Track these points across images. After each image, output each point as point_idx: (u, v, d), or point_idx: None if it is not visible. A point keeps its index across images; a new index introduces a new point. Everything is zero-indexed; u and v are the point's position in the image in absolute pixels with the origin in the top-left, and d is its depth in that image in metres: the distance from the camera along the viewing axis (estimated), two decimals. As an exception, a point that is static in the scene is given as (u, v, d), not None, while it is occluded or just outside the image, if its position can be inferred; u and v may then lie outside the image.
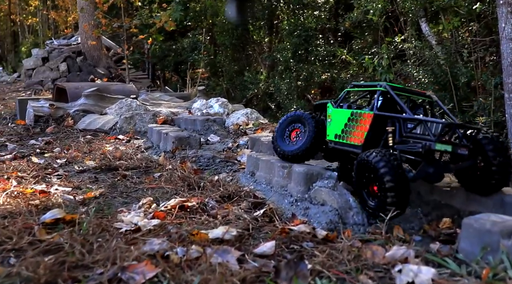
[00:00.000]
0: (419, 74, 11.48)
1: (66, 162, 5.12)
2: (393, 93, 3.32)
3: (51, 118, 7.08)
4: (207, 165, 4.85)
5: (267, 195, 3.79)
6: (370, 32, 14.19)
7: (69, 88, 7.64)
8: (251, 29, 18.05)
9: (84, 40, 15.87)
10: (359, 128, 3.35)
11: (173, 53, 20.34)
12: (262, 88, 16.55)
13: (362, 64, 13.71)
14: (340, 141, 3.53)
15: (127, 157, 5.11)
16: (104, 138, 6.30)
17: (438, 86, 11.10)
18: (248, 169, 4.28)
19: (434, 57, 11.23)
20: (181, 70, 21.01)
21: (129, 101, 6.97)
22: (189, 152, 5.00)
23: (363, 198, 3.19)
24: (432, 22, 12.51)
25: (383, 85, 3.35)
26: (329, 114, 3.67)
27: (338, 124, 3.54)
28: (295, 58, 15.17)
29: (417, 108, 3.53)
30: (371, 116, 3.26)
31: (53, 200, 3.61)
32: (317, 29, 15.44)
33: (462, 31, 11.55)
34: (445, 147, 2.94)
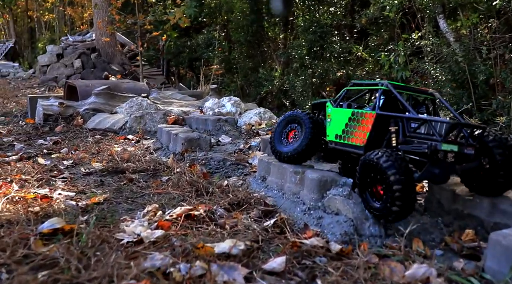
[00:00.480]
0: (436, 72, 11.25)
1: (73, 163, 4.96)
2: (395, 92, 3.18)
3: (61, 117, 6.94)
4: (217, 168, 4.66)
5: (278, 202, 3.59)
6: (386, 28, 13.96)
7: (80, 86, 7.48)
8: (266, 26, 17.84)
9: (98, 36, 15.77)
10: (360, 128, 3.23)
11: (188, 50, 20.22)
12: (276, 85, 16.37)
13: (378, 61, 13.50)
14: (341, 142, 3.41)
15: (135, 159, 4.94)
16: (113, 138, 6.14)
17: (456, 83, 10.87)
18: (259, 173, 4.07)
19: (452, 54, 10.97)
20: (196, 67, 20.87)
21: (139, 100, 6.79)
22: (199, 154, 4.81)
23: (366, 199, 3.01)
24: (450, 18, 12.24)
25: (385, 83, 3.23)
26: (329, 114, 3.54)
27: (339, 124, 3.42)
28: (310, 55, 14.98)
29: (419, 107, 3.39)
30: (373, 116, 3.14)
31: (55, 206, 3.44)
32: (333, 26, 15.21)
33: (481, 27, 11.24)
34: (451, 147, 2.83)
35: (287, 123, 3.81)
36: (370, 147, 3.15)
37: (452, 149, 2.82)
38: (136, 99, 6.84)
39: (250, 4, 17.13)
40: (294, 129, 3.75)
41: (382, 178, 2.80)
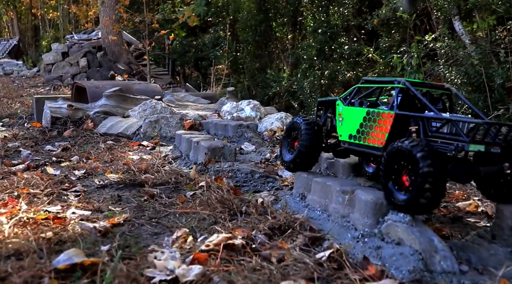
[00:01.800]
0: (452, 75, 10.83)
1: (85, 174, 4.47)
2: (414, 89, 3.01)
3: (69, 120, 6.42)
4: (245, 181, 4.17)
5: (324, 226, 3.10)
6: (398, 30, 13.55)
7: (89, 88, 6.97)
8: (274, 26, 17.37)
9: (104, 35, 15.26)
10: (378, 129, 3.03)
11: (194, 49, 19.78)
12: (284, 86, 15.95)
13: (388, 63, 13.10)
14: (356, 142, 3.22)
15: (154, 169, 4.44)
16: (126, 145, 5.64)
17: (472, 87, 10.47)
18: (296, 190, 3.58)
19: (468, 57, 10.56)
20: (202, 66, 20.42)
21: (153, 103, 6.29)
22: (224, 165, 4.32)
23: (389, 190, 2.78)
24: (466, 20, 11.83)
25: (402, 81, 3.04)
26: (340, 113, 3.36)
27: (352, 123, 3.23)
28: (320, 55, 14.59)
29: (436, 103, 3.22)
30: (392, 116, 2.94)
31: (69, 229, 2.95)
32: (343, 27, 14.79)
33: (500, 29, 10.80)
34: (479, 147, 2.67)
35: (290, 131, 3.65)
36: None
37: (479, 149, 2.67)
38: (150, 102, 6.34)
39: (258, 3, 16.65)
40: (296, 137, 3.58)
41: (412, 167, 2.60)
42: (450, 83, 10.65)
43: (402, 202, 2.67)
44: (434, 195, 2.54)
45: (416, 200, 2.57)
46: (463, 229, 3.36)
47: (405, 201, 2.66)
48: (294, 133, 3.60)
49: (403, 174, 2.72)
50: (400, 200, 2.69)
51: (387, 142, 2.93)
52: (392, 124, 2.94)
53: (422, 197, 2.54)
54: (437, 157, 2.55)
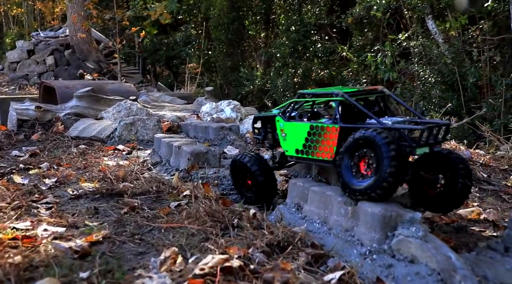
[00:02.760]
0: (426, 73, 10.76)
1: (57, 182, 4.08)
2: (353, 101, 3.03)
3: (38, 122, 5.96)
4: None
5: (326, 241, 2.81)
6: (371, 29, 13.46)
7: (59, 88, 6.51)
8: (247, 24, 17.06)
9: (72, 32, 14.67)
10: (325, 143, 3.05)
11: (165, 47, 19.32)
12: (258, 84, 15.68)
13: (362, 62, 13.00)
14: (304, 157, 3.22)
15: (132, 177, 4.08)
16: (100, 149, 5.24)
17: (445, 85, 10.45)
18: (291, 200, 3.28)
19: (441, 56, 10.52)
20: (173, 65, 19.96)
21: (128, 104, 5.89)
22: (209, 171, 3.99)
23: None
24: (439, 19, 11.80)
25: (340, 94, 3.05)
26: (282, 128, 3.35)
27: (297, 139, 3.23)
28: (293, 54, 14.43)
29: (373, 107, 3.30)
30: (337, 129, 2.98)
31: (41, 250, 2.59)
32: (316, 25, 14.61)
33: (473, 29, 10.78)
34: (424, 150, 2.84)
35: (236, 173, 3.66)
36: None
37: (425, 151, 2.82)
38: (125, 103, 5.93)
39: (230, 1, 16.30)
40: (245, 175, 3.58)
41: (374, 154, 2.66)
42: (424, 81, 10.59)
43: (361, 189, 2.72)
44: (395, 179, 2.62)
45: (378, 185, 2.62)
46: (469, 239, 3.14)
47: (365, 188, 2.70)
48: (241, 173, 3.59)
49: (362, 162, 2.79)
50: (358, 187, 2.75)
51: (336, 154, 2.96)
52: (338, 137, 2.96)
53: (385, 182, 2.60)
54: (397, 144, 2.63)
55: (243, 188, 3.64)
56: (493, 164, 5.53)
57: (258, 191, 3.50)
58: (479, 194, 4.28)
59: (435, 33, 11.24)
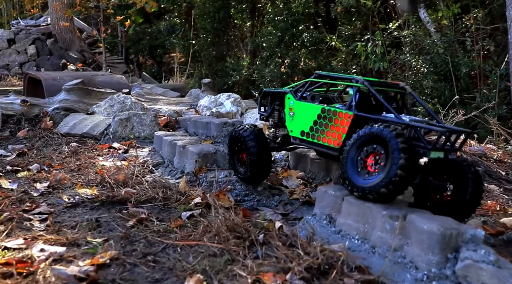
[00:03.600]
0: (418, 63, 10.45)
1: (50, 187, 3.59)
2: (374, 91, 2.79)
3: (24, 118, 5.42)
4: (246, 195, 3.41)
5: (370, 261, 2.39)
6: (360, 18, 13.14)
7: (45, 80, 5.96)
8: (232, 13, 16.53)
9: (54, 21, 13.97)
10: (334, 129, 2.84)
11: (148, 37, 18.75)
12: (245, 74, 15.27)
13: (350, 52, 12.68)
14: (309, 140, 3.01)
15: (134, 180, 3.61)
16: (94, 147, 4.74)
17: (438, 76, 10.15)
18: (321, 210, 2.85)
19: (434, 46, 10.21)
20: (157, 55, 19.38)
21: (121, 98, 5.38)
22: (220, 174, 3.53)
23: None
24: (431, 8, 11.51)
25: (361, 80, 2.83)
26: (291, 107, 3.14)
27: (305, 120, 3.03)
28: (281, 43, 14.06)
29: (391, 102, 3.05)
30: (350, 116, 2.76)
31: (40, 279, 2.12)
32: (304, 14, 14.23)
33: (466, 18, 10.49)
34: (439, 154, 2.58)
35: (233, 145, 3.41)
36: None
37: (439, 156, 2.58)
38: (118, 96, 5.42)
39: (216, -11, 15.80)
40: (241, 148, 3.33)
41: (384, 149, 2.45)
42: (416, 71, 10.30)
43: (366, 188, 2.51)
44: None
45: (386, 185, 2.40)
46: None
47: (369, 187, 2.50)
48: (238, 145, 3.36)
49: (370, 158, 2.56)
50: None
51: (344, 143, 2.76)
52: (350, 126, 2.75)
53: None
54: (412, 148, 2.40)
55: (237, 162, 3.40)
56: (508, 160, 5.20)
57: (251, 168, 3.23)
58: (507, 196, 3.92)
59: (427, 23, 10.91)
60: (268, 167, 3.31)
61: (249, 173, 3.26)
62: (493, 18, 10.54)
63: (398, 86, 3.03)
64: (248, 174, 3.28)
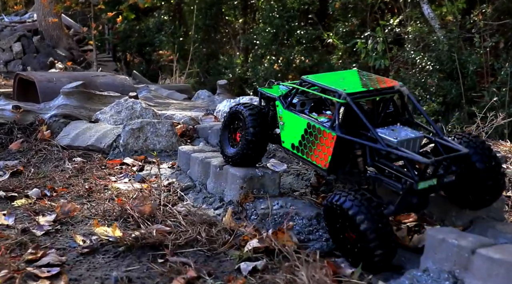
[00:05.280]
0: (423, 61, 9.79)
1: (56, 222, 2.74)
2: (357, 109, 2.39)
3: (16, 127, 4.50)
4: (310, 233, 2.61)
5: None
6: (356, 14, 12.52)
7: (40, 81, 5.03)
8: (224, 9, 15.69)
9: (41, 17, 12.92)
10: (320, 148, 2.54)
11: (137, 34, 17.79)
12: (238, 73, 14.51)
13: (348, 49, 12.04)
14: (299, 155, 2.74)
15: (163, 212, 2.77)
16: (103, 164, 3.86)
17: (443, 73, 9.51)
18: (436, 265, 2.06)
19: (440, 42, 9.58)
20: (146, 52, 18.41)
21: (130, 103, 4.50)
22: (274, 204, 2.72)
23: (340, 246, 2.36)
24: (435, 3, 10.92)
25: (343, 95, 2.43)
26: (280, 116, 2.84)
27: (294, 132, 2.74)
28: (276, 41, 13.37)
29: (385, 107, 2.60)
30: (333, 137, 2.44)
31: None
32: (299, 10, 13.55)
33: (475, 13, 9.90)
34: (430, 183, 2.25)
35: (230, 122, 3.10)
36: (334, 168, 2.54)
37: (430, 185, 2.26)
38: (125, 101, 4.54)
39: (207, -15, 14.93)
40: (238, 127, 3.03)
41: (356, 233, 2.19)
42: (420, 69, 9.71)
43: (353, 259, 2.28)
44: (384, 262, 2.20)
45: (367, 265, 2.19)
46: None
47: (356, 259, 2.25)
48: (235, 123, 3.05)
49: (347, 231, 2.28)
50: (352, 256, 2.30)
51: (331, 164, 2.49)
52: (334, 147, 2.45)
53: (374, 267, 2.19)
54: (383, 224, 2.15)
55: (228, 141, 3.08)
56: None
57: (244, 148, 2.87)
58: None
59: (431, 19, 10.26)
60: (260, 154, 3.00)
61: (240, 154, 2.91)
62: (500, 14, 9.97)
63: (392, 90, 2.57)
64: (238, 155, 2.92)
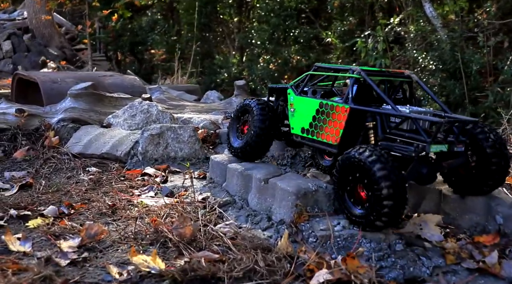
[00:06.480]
0: (425, 61, 9.49)
1: (82, 248, 2.31)
2: (370, 81, 2.49)
3: (21, 132, 4.04)
4: (381, 258, 2.22)
5: None
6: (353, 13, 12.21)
7: (43, 82, 4.54)
8: (219, 8, 15.27)
9: (32, 14, 12.37)
10: (332, 124, 2.57)
11: (129, 33, 17.29)
12: (234, 72, 14.14)
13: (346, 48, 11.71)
14: (309, 137, 2.75)
15: (206, 235, 2.36)
16: (121, 174, 3.43)
17: (446, 73, 9.23)
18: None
19: (443, 42, 9.30)
20: (138, 51, 17.90)
21: (145, 105, 4.06)
22: (334, 224, 2.33)
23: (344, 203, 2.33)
24: (437, 2, 10.63)
25: (357, 70, 2.55)
26: (291, 103, 2.87)
27: (305, 116, 2.76)
28: (273, 40, 13.03)
29: (395, 92, 2.73)
30: (347, 110, 2.47)
31: None
32: (297, 9, 13.23)
33: (479, 12, 9.63)
34: (441, 148, 2.28)
35: (239, 114, 3.17)
36: (345, 144, 2.50)
37: (441, 149, 2.29)
38: (140, 104, 4.09)
39: (202, -17, 14.52)
40: (247, 120, 3.09)
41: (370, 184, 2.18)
42: (423, 69, 9.42)
43: (358, 218, 2.27)
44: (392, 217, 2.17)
45: (373, 220, 2.18)
46: None
47: (361, 217, 2.25)
48: (244, 116, 3.12)
49: (358, 186, 2.29)
50: (356, 214, 2.28)
51: (342, 139, 2.54)
52: (346, 120, 2.51)
53: (379, 220, 2.16)
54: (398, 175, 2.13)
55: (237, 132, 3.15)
56: None
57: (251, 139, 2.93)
58: None
59: (433, 17, 9.97)
60: (265, 148, 3.03)
61: (246, 146, 2.96)
62: (504, 12, 9.72)
63: (403, 75, 2.73)
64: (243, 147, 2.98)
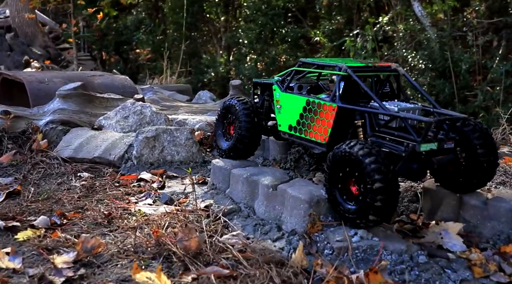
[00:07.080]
0: (415, 60, 9.46)
1: (78, 263, 2.10)
2: (358, 79, 2.44)
3: (6, 135, 3.78)
4: (402, 272, 2.05)
5: None
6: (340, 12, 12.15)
7: (30, 82, 4.27)
8: (205, 7, 15.07)
9: (14, 13, 12.02)
10: (320, 123, 2.52)
11: (114, 32, 17.00)
12: (222, 72, 13.98)
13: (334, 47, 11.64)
14: (296, 135, 2.71)
15: (213, 247, 2.17)
16: (116, 180, 3.21)
17: (435, 72, 9.23)
18: None
19: (432, 41, 9.28)
20: (123, 51, 17.61)
21: (138, 106, 3.83)
22: (351, 234, 2.16)
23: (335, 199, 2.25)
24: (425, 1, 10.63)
25: (344, 68, 2.47)
26: (278, 99, 2.82)
27: (291, 113, 2.71)
28: (261, 39, 12.92)
29: (383, 86, 2.65)
30: (334, 109, 2.43)
31: None
32: (284, 8, 13.13)
33: (468, 11, 9.64)
34: (431, 146, 2.26)
35: (223, 116, 3.10)
36: (334, 142, 2.40)
37: (431, 148, 2.27)
38: (132, 104, 3.87)
39: (189, -19, 14.30)
40: (232, 121, 3.03)
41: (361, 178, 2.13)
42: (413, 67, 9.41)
43: (351, 213, 2.19)
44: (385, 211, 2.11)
45: (365, 215, 2.12)
46: None
47: (354, 213, 2.17)
48: (229, 117, 3.07)
49: (350, 181, 2.24)
50: (349, 210, 2.20)
51: (331, 138, 2.47)
52: (334, 119, 2.44)
53: (372, 214, 2.10)
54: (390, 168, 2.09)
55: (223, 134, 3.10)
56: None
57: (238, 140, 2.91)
58: None
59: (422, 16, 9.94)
60: (253, 147, 3.01)
61: (234, 147, 2.94)
62: (492, 12, 9.73)
63: (389, 69, 2.65)
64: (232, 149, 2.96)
